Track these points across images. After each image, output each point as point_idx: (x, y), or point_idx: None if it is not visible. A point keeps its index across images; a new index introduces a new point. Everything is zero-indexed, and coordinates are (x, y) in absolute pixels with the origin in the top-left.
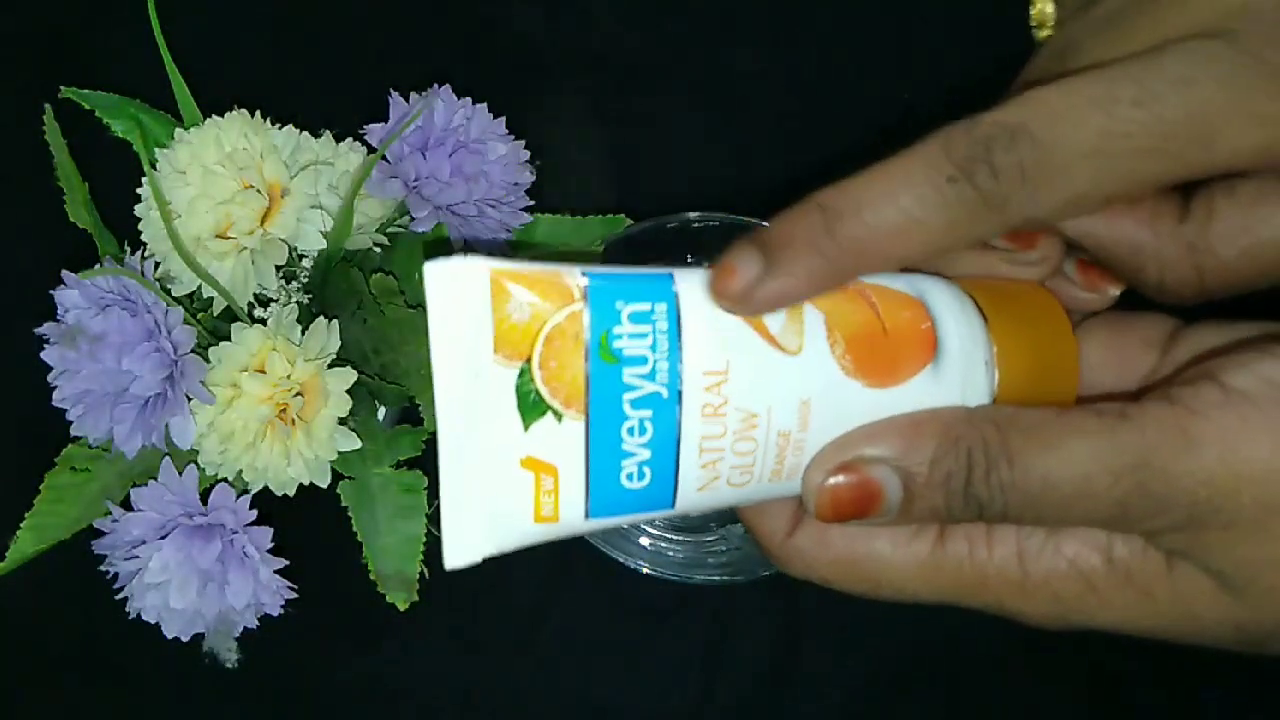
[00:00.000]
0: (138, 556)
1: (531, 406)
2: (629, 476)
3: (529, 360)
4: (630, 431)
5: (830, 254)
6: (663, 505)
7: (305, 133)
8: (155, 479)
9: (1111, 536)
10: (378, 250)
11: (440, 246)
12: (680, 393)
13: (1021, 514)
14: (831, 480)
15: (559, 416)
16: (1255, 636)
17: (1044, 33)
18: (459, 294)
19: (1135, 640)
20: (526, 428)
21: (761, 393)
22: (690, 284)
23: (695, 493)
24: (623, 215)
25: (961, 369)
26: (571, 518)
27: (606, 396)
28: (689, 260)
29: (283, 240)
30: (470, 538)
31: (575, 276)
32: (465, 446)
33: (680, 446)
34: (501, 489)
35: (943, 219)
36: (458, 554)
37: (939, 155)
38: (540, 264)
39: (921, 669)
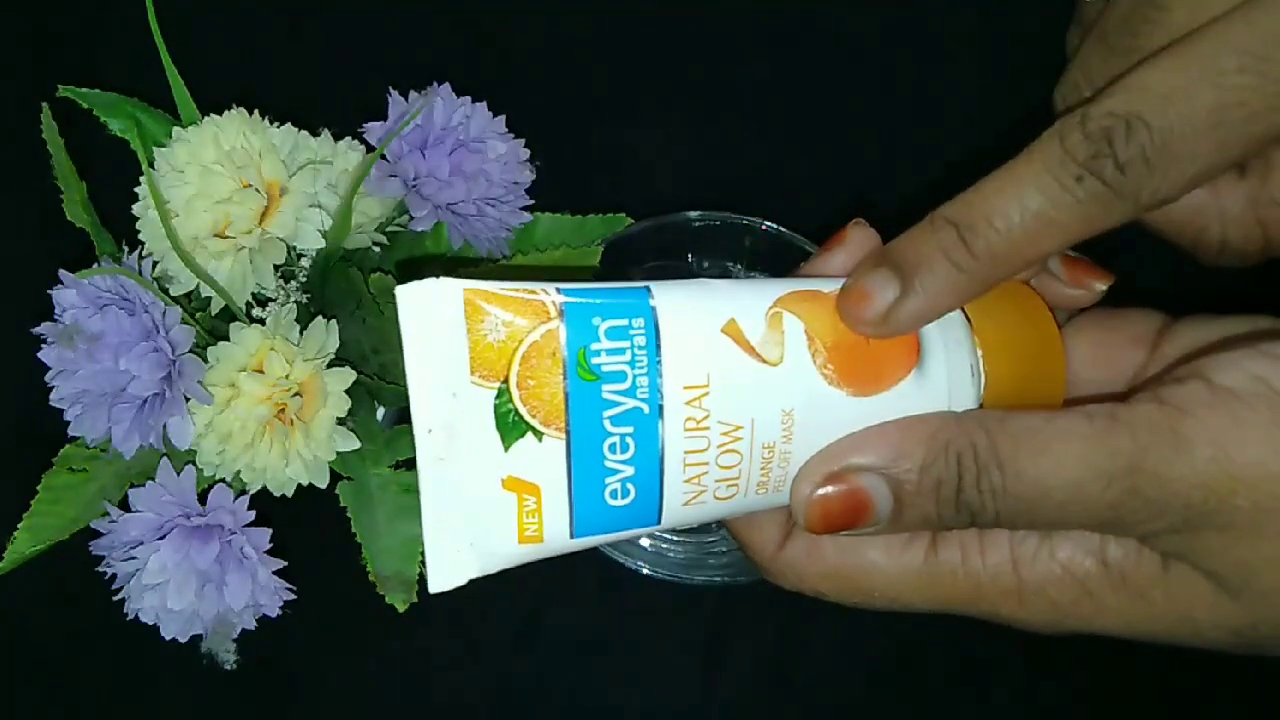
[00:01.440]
0: (135, 557)
1: (511, 426)
2: (613, 494)
3: (506, 380)
4: (612, 449)
5: (968, 266)
6: (648, 522)
7: (304, 131)
8: (153, 479)
9: (1105, 539)
10: (377, 249)
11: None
12: (661, 408)
13: (1014, 519)
14: (820, 491)
15: (539, 436)
16: (1252, 638)
17: None
18: (433, 315)
19: (1135, 642)
20: (507, 448)
21: (744, 405)
22: (668, 297)
23: (681, 508)
24: (623, 215)
25: (946, 373)
26: (556, 538)
27: (586, 414)
28: (689, 259)
29: (281, 239)
30: (454, 561)
31: (551, 294)
32: (445, 469)
33: (664, 462)
34: (484, 511)
35: (1075, 215)
36: (442, 578)
37: (1059, 154)
38: (515, 282)
39: (921, 669)
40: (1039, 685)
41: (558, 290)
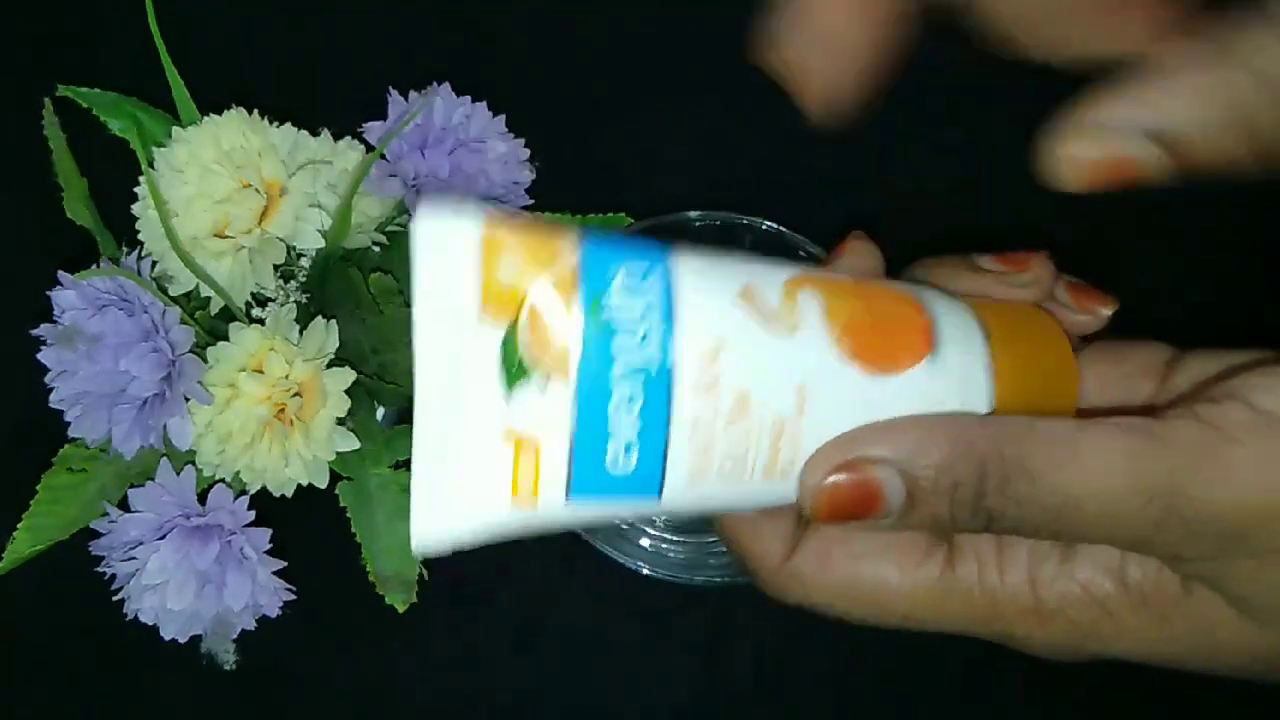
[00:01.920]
0: (135, 558)
1: (516, 372)
2: (614, 457)
3: (516, 322)
4: (618, 405)
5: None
6: (648, 493)
7: (303, 131)
8: (153, 479)
9: (1126, 560)
10: (376, 249)
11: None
12: (672, 366)
13: (1038, 529)
14: (832, 478)
15: (544, 384)
16: (1274, 663)
17: None
18: (448, 246)
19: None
20: (509, 395)
21: (756, 371)
22: (687, 258)
23: (684, 482)
24: (623, 215)
25: (960, 364)
26: (551, 500)
27: (595, 365)
28: None
29: (281, 239)
30: (442, 516)
31: (571, 238)
32: (442, 415)
33: (670, 425)
34: (478, 463)
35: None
36: (426, 536)
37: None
38: (537, 223)
39: (922, 670)
40: (1041, 687)
41: (578, 235)
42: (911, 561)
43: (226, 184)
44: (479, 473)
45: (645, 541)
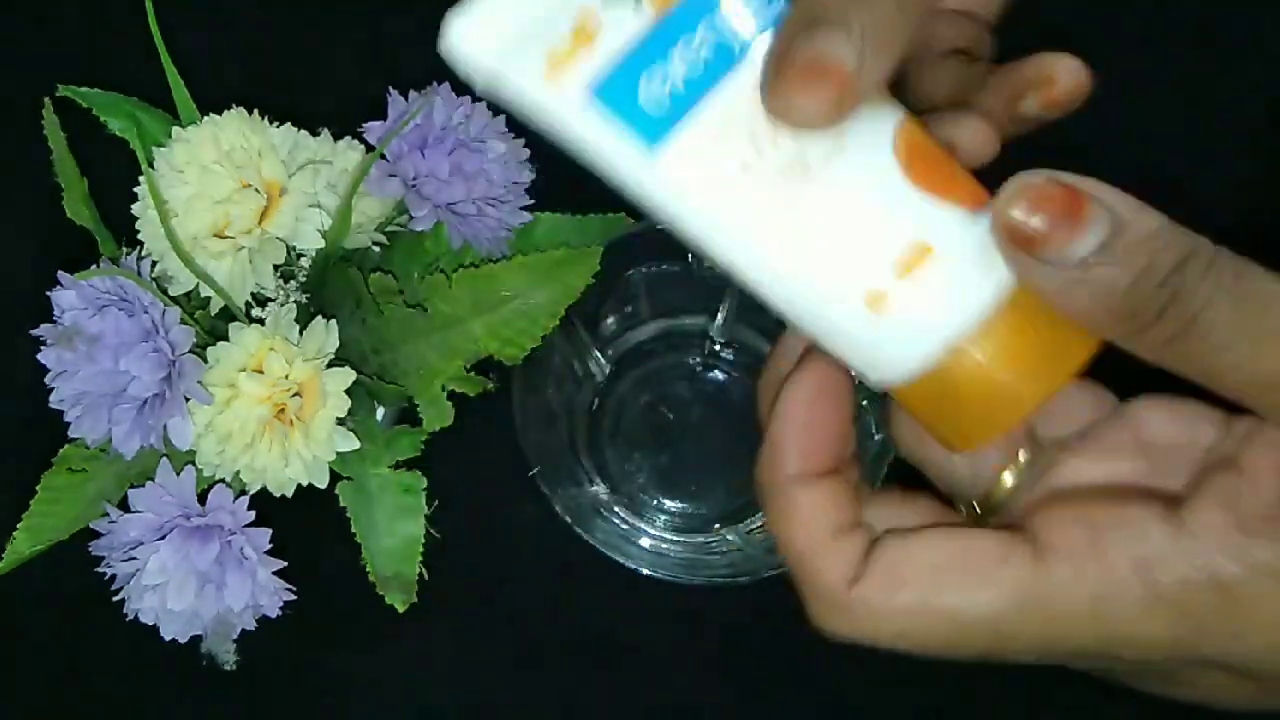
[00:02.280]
0: (135, 558)
1: None
2: (653, 79)
3: None
4: (690, 47)
5: None
6: (654, 133)
7: (303, 131)
8: (153, 479)
9: (1250, 540)
10: (376, 249)
11: None
12: (752, 50)
13: (1220, 324)
14: (1045, 177)
15: (640, 4)
16: None
17: None
18: None
19: None
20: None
21: None
22: None
23: (689, 145)
24: (623, 215)
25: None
26: (575, 82)
27: (692, 10)
28: (689, 260)
29: (281, 239)
30: (483, 31)
31: None
32: None
33: (710, 94)
34: (542, 18)
35: None
36: (458, 34)
37: None
38: None
39: (924, 669)
40: (1046, 689)
41: None
42: (992, 562)
43: (226, 184)
44: (538, 23)
45: (645, 542)
